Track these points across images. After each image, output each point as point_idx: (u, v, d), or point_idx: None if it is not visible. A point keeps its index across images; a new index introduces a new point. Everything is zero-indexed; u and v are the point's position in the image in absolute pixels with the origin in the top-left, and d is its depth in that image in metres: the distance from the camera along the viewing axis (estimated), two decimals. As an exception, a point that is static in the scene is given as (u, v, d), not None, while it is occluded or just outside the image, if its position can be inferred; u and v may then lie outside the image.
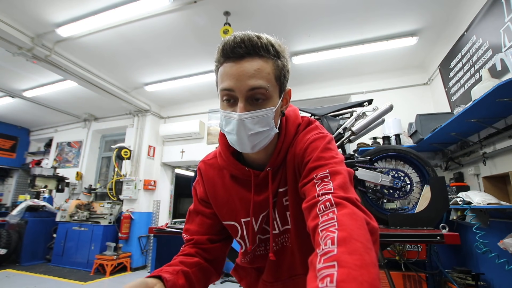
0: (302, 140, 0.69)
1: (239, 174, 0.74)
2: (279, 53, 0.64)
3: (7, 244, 4.56)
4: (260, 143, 0.65)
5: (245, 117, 0.60)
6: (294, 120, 0.74)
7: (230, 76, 0.60)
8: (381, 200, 1.79)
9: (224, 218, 0.77)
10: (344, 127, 1.77)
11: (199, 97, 5.13)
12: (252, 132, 0.62)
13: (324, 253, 0.38)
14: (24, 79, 4.46)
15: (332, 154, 0.62)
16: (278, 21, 3.09)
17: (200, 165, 0.82)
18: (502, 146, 2.14)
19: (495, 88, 1.66)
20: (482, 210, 1.98)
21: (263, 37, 0.61)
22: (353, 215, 0.45)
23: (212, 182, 0.78)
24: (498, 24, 2.15)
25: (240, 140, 0.63)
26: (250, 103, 0.61)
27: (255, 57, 0.60)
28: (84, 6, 2.89)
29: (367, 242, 0.40)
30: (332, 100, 4.30)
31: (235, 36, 0.60)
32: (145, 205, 5.04)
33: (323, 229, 0.44)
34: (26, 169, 6.71)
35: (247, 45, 0.59)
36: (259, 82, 0.59)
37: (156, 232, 1.78)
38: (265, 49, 0.61)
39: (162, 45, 3.55)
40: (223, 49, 0.61)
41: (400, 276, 2.45)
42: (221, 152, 0.76)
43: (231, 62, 0.60)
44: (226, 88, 0.61)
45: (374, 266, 0.36)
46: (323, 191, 0.53)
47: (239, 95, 0.60)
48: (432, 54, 3.53)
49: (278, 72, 0.64)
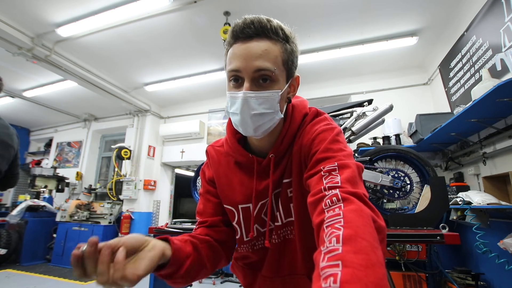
0: (310, 131, 0.67)
1: (243, 160, 0.74)
2: (289, 38, 0.64)
3: (7, 244, 4.56)
4: (264, 125, 0.64)
5: (250, 95, 0.60)
6: (301, 109, 0.73)
7: (237, 56, 0.60)
8: (381, 200, 1.79)
9: (224, 201, 0.77)
10: (344, 127, 1.77)
11: (199, 97, 5.13)
12: (255, 112, 0.61)
13: (329, 251, 0.37)
14: (24, 79, 4.46)
15: (341, 147, 0.60)
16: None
17: (209, 148, 0.83)
18: (502, 146, 2.14)
19: (495, 88, 1.65)
20: (482, 210, 1.98)
21: (273, 21, 0.62)
22: (360, 212, 0.43)
23: (217, 165, 0.79)
24: (498, 24, 2.15)
25: (243, 120, 0.63)
26: (255, 84, 0.61)
27: (264, 38, 0.60)
28: (84, 6, 2.89)
29: (374, 240, 0.38)
30: (332, 100, 4.30)
31: (246, 18, 0.61)
32: (145, 205, 5.04)
33: (328, 225, 0.42)
34: (26, 169, 6.70)
35: (256, 26, 0.59)
36: (266, 64, 0.59)
37: (156, 232, 1.78)
38: (274, 31, 0.61)
39: (162, 45, 3.55)
40: (233, 30, 0.61)
41: (400, 276, 2.45)
42: (227, 138, 0.77)
43: (239, 43, 0.61)
44: (233, 69, 0.61)
45: (381, 266, 0.34)
46: (330, 184, 0.51)
47: (245, 76, 0.60)
48: (432, 54, 3.53)
49: (286, 56, 0.63)
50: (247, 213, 0.74)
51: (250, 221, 0.74)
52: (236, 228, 0.77)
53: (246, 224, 0.75)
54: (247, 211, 0.74)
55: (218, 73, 4.12)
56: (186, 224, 1.95)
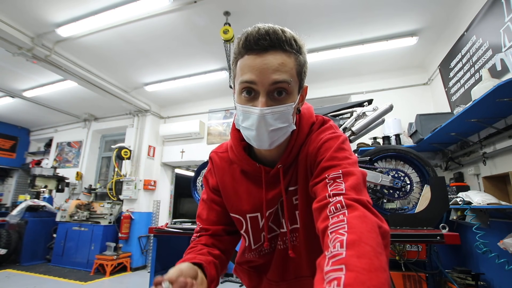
0: (316, 139, 0.68)
1: (250, 170, 0.73)
2: (301, 49, 0.63)
3: (7, 244, 4.56)
4: (279, 139, 0.64)
5: (267, 112, 0.59)
6: (308, 118, 0.73)
7: (252, 68, 0.58)
8: (381, 200, 1.79)
9: (231, 210, 0.77)
10: (344, 127, 1.77)
11: (199, 97, 5.13)
12: (272, 128, 0.60)
13: (333, 255, 0.37)
14: (24, 79, 4.46)
15: (346, 155, 0.61)
16: (278, 21, 3.03)
17: (212, 155, 0.81)
18: (502, 146, 2.14)
19: (495, 88, 1.66)
20: (482, 210, 1.98)
21: (287, 31, 0.60)
22: (364, 218, 0.44)
23: (222, 173, 0.78)
24: (498, 24, 2.15)
25: (259, 137, 0.62)
26: (271, 98, 0.60)
27: (279, 50, 0.59)
28: (84, 6, 2.89)
29: (377, 245, 0.39)
30: (332, 100, 4.30)
31: (259, 28, 0.58)
32: (145, 205, 5.04)
33: (333, 231, 0.43)
34: (26, 169, 6.71)
35: (272, 38, 0.57)
36: (283, 76, 0.58)
37: (156, 232, 1.78)
38: (289, 43, 0.59)
39: (162, 45, 3.54)
40: (246, 40, 0.58)
41: (400, 276, 2.45)
42: (232, 146, 0.75)
43: (254, 55, 0.58)
44: (247, 80, 0.58)
45: (384, 270, 0.35)
46: (334, 191, 0.52)
47: (261, 89, 0.58)
48: (432, 54, 3.53)
49: (299, 68, 0.63)
50: (255, 222, 0.74)
51: (259, 230, 0.74)
52: (244, 236, 0.78)
53: (254, 233, 0.75)
54: (255, 220, 0.74)
55: (218, 73, 4.12)
56: (186, 224, 1.95)
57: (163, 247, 1.95)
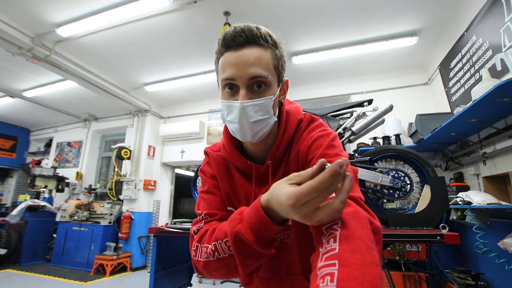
0: (306, 137, 0.70)
1: (242, 167, 0.75)
2: (277, 43, 0.66)
3: (7, 244, 4.56)
4: (261, 131, 0.66)
5: (247, 105, 0.62)
6: (296, 115, 0.75)
7: (231, 65, 0.61)
8: (381, 200, 1.79)
9: (228, 203, 0.77)
10: (344, 127, 1.77)
11: (199, 97, 5.13)
12: (253, 119, 0.63)
13: (326, 251, 0.38)
14: (24, 79, 4.46)
15: (337, 151, 0.62)
16: (278, 21, 3.08)
17: (208, 150, 0.83)
18: (502, 146, 2.14)
19: (495, 88, 1.66)
20: (482, 210, 1.98)
21: (262, 28, 0.64)
22: (356, 214, 0.45)
23: (218, 167, 0.78)
24: (498, 24, 2.15)
25: (242, 128, 0.65)
26: (251, 91, 0.63)
27: (255, 45, 0.62)
28: (84, 6, 2.89)
29: (370, 241, 0.40)
30: (332, 100, 4.30)
31: (235, 27, 0.62)
32: (145, 205, 5.04)
33: (326, 227, 0.44)
34: (26, 169, 6.71)
35: (247, 34, 0.61)
36: (260, 71, 0.61)
37: (156, 232, 1.78)
38: (264, 38, 0.63)
39: (162, 45, 3.54)
40: (224, 39, 0.62)
41: (400, 276, 2.45)
42: (225, 144, 0.77)
43: (231, 51, 0.62)
44: (227, 77, 0.62)
45: (376, 265, 0.36)
46: None
47: (240, 84, 0.62)
48: (432, 54, 3.53)
49: (276, 61, 0.66)
50: None
51: None
52: None
53: None
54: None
55: (218, 73, 4.12)
56: (186, 224, 1.95)
57: (163, 247, 1.95)
